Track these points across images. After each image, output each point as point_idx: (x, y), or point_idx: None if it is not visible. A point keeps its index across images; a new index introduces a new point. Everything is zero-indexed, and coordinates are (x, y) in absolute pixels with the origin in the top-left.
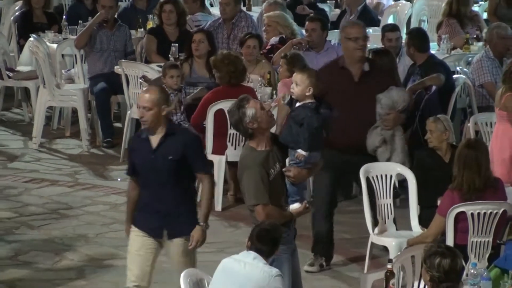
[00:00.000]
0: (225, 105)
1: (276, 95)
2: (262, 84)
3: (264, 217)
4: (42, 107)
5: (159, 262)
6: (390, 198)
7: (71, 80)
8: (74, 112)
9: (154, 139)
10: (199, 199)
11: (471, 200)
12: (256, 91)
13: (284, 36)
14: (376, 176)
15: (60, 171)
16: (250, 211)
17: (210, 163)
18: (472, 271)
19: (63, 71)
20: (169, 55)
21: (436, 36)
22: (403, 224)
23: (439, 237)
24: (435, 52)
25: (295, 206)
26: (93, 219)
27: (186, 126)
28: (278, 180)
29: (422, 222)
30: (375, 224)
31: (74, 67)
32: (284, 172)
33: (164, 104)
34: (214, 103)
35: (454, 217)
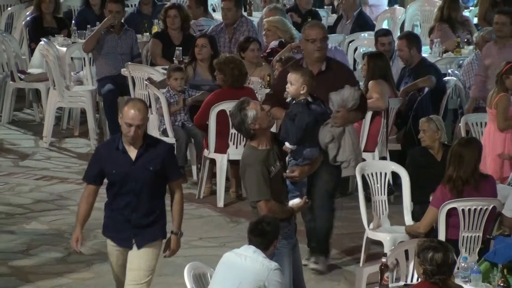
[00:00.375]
0: (227, 106)
1: None
2: (262, 86)
3: (266, 212)
4: (52, 107)
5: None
6: (384, 195)
7: (80, 82)
8: (83, 112)
9: (131, 150)
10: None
11: (462, 195)
12: (257, 92)
13: (283, 40)
14: (371, 174)
15: (69, 169)
16: (252, 207)
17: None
18: (463, 264)
19: (72, 74)
20: (173, 58)
21: (428, 40)
22: (397, 220)
23: (434, 226)
24: (427, 55)
25: (295, 202)
26: (100, 215)
27: (190, 126)
28: (279, 177)
29: (415, 218)
30: (370, 219)
31: (82, 70)
32: (286, 175)
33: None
34: (217, 104)
35: (446, 212)
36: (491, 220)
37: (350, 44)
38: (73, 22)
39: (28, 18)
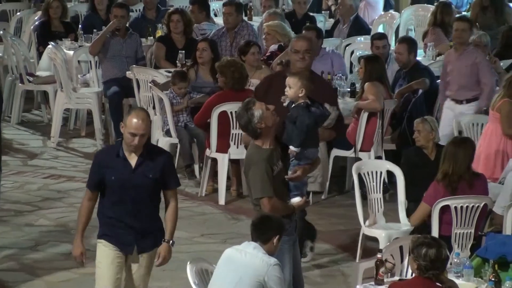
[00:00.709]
0: (228, 107)
1: None
2: None
3: (269, 209)
4: (59, 109)
5: None
6: (380, 193)
7: (86, 84)
8: (89, 113)
9: (132, 158)
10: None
11: (454, 192)
12: None
13: (282, 44)
14: (367, 173)
15: (76, 168)
16: (254, 205)
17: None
18: (455, 260)
19: (79, 76)
20: (176, 61)
21: (422, 43)
22: (392, 217)
23: (427, 221)
24: (421, 58)
25: (296, 200)
26: None
27: (193, 126)
28: (281, 176)
29: (409, 215)
30: (366, 217)
31: (89, 72)
32: (289, 177)
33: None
34: (218, 105)
35: (439, 210)
36: (483, 217)
37: (347, 47)
38: (79, 26)
39: (36, 23)
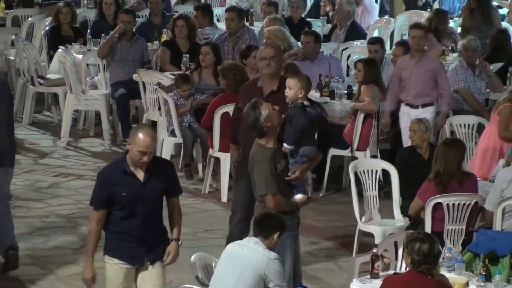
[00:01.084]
0: (230, 108)
1: None
2: None
3: (273, 205)
4: (69, 110)
5: None
6: (375, 191)
7: (94, 87)
8: (97, 114)
9: (138, 172)
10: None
11: (445, 190)
12: None
13: (282, 48)
14: (363, 171)
15: (85, 167)
16: (260, 201)
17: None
18: (447, 255)
19: (87, 79)
20: (181, 65)
21: None
22: (387, 214)
23: (421, 215)
24: None
25: (299, 197)
26: None
27: (196, 127)
28: (284, 174)
29: (404, 212)
30: (362, 213)
31: (97, 75)
32: (288, 179)
33: None
34: (221, 106)
35: (432, 207)
36: (474, 214)
37: (344, 51)
38: (88, 31)
39: (47, 28)
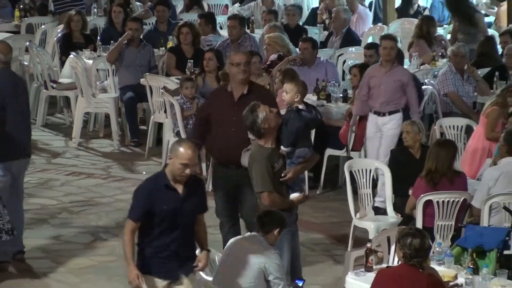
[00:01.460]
0: None
1: None
2: None
3: (268, 202)
4: (80, 112)
5: None
6: (369, 189)
7: (104, 90)
8: (107, 117)
9: (178, 187)
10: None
11: (437, 187)
12: None
13: (281, 54)
14: (358, 170)
15: (95, 166)
16: (257, 198)
17: None
18: (437, 249)
19: (97, 83)
20: (185, 70)
21: (407, 54)
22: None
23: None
24: (406, 67)
25: (295, 195)
26: (122, 206)
27: None
28: (281, 173)
29: (396, 209)
30: (357, 210)
31: (107, 80)
32: (283, 180)
33: None
34: None
35: (423, 203)
36: (462, 210)
37: (340, 57)
38: (98, 38)
39: (59, 35)
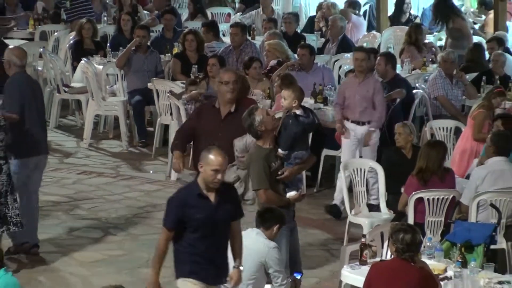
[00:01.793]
0: None
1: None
2: (263, 97)
3: (264, 199)
4: (91, 115)
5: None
6: (363, 187)
7: (113, 94)
8: (116, 119)
9: (211, 195)
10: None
11: (427, 185)
12: (259, 102)
13: (281, 60)
14: (353, 169)
15: (105, 165)
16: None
17: None
18: (428, 244)
19: (107, 87)
20: (190, 75)
21: (399, 59)
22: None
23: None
24: (399, 72)
25: (292, 194)
26: (131, 203)
27: None
28: (278, 172)
29: (389, 205)
30: (352, 207)
31: (116, 84)
32: (279, 178)
33: None
34: None
35: (414, 200)
36: (451, 207)
37: (336, 63)
38: (108, 45)
39: (71, 41)
